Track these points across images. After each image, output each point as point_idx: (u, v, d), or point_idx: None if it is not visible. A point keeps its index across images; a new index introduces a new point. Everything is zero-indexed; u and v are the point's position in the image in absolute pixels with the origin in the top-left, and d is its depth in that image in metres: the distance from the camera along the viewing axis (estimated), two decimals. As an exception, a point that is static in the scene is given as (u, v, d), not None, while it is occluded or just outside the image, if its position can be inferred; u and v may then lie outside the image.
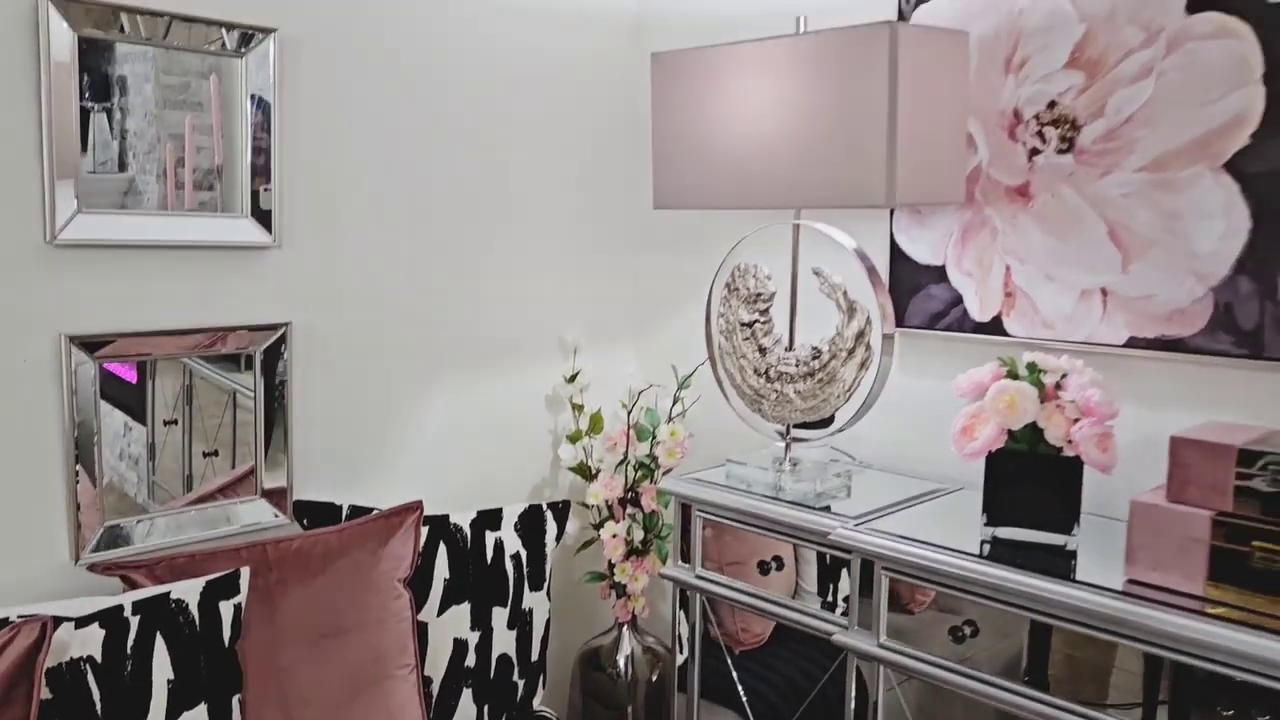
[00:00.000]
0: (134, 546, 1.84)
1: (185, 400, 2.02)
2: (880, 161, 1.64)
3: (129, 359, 1.84)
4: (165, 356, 1.88)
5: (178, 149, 1.88)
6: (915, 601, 1.66)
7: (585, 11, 2.41)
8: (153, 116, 1.86)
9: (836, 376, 1.86)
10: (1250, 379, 1.62)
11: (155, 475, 1.94)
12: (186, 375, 1.97)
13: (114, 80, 1.80)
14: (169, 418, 1.99)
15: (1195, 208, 1.63)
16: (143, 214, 1.81)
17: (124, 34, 1.76)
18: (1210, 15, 1.59)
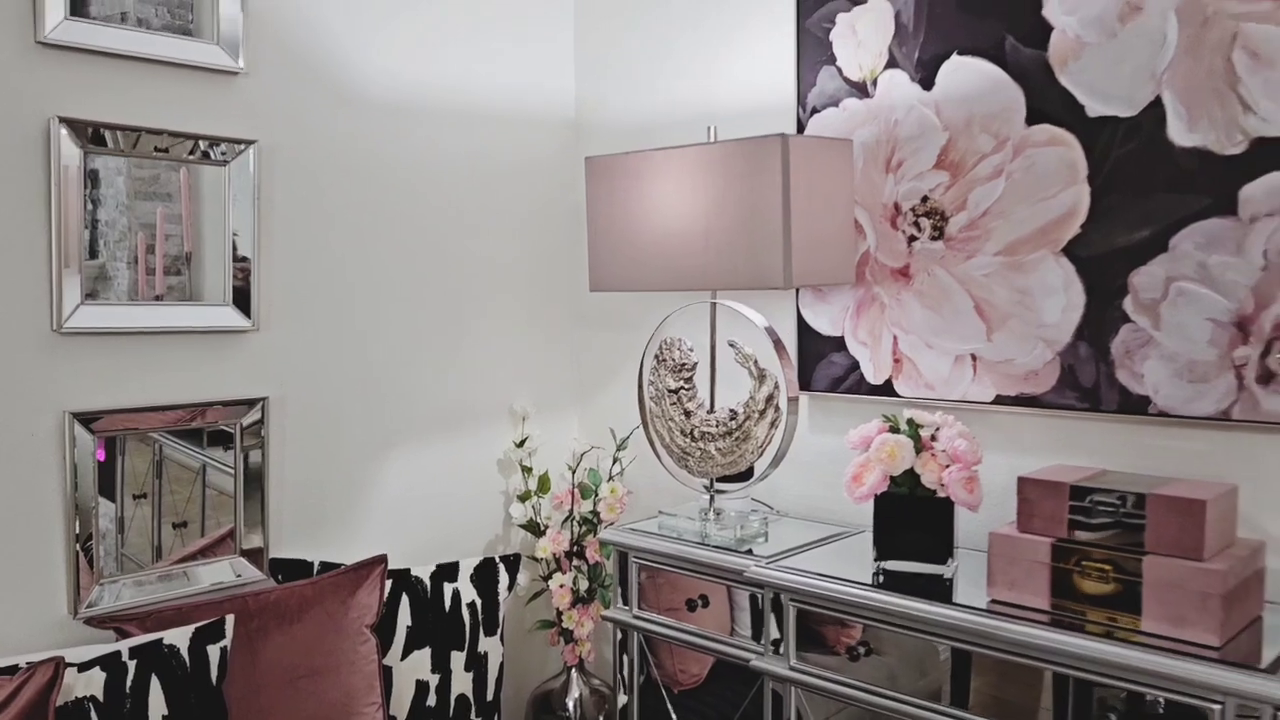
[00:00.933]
0: (126, 601, 2.04)
1: (155, 475, 2.23)
2: (778, 250, 1.93)
3: (117, 433, 2.05)
4: (146, 430, 2.08)
5: (148, 237, 2.11)
6: (840, 642, 1.87)
7: (529, 119, 2.71)
8: (124, 207, 2.08)
9: (750, 435, 2.13)
10: (1091, 429, 1.92)
11: (124, 548, 2.13)
12: (157, 451, 2.18)
13: (86, 173, 2.02)
14: (139, 492, 2.20)
15: (1041, 285, 1.94)
16: (138, 304, 2.05)
17: (125, 151, 2.01)
18: (1045, 127, 1.92)
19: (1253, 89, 1.68)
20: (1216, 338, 1.75)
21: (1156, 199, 1.80)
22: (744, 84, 2.41)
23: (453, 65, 2.55)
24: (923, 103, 2.08)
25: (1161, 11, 1.77)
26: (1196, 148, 1.75)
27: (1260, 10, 1.67)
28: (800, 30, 2.26)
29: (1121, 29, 1.81)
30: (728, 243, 2.01)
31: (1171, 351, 1.79)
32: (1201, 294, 1.76)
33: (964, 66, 2.01)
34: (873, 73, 2.15)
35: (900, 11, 2.10)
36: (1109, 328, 1.86)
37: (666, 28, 2.57)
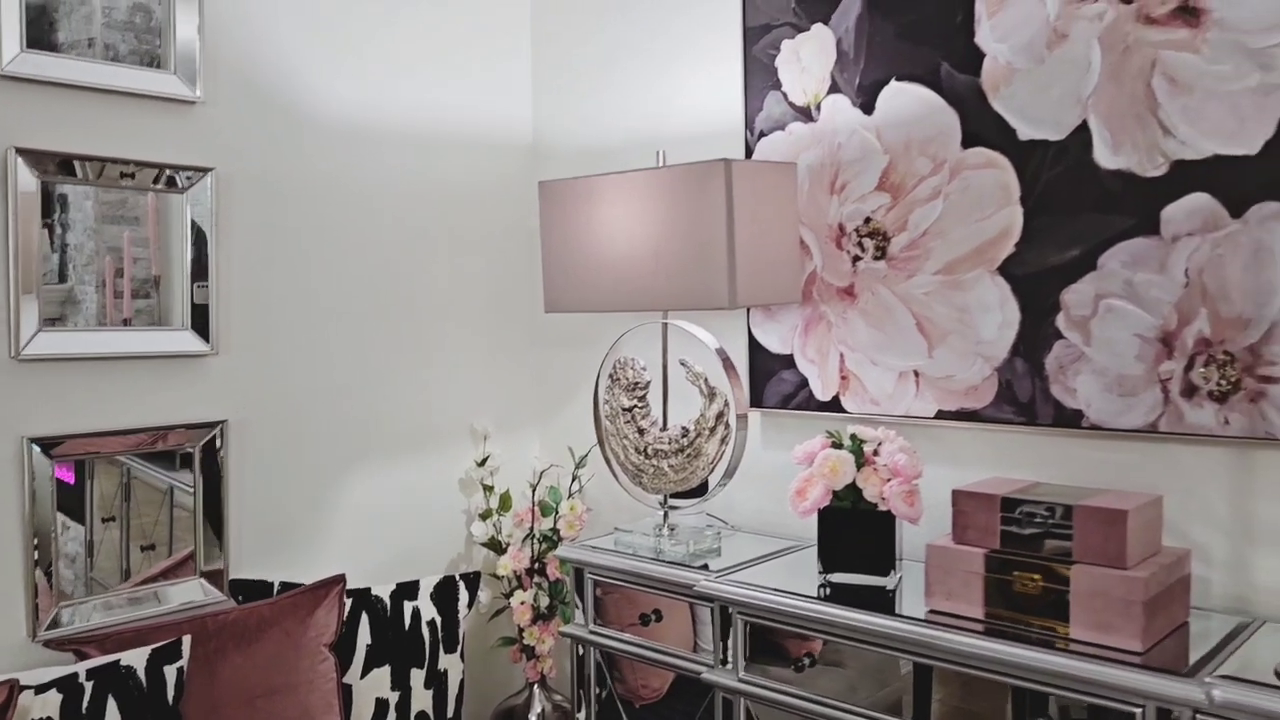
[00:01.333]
0: (86, 624, 2.06)
1: (123, 498, 2.26)
2: (723, 271, 1.98)
3: (78, 457, 2.07)
4: (110, 454, 2.12)
5: (116, 260, 2.14)
6: (799, 654, 1.90)
7: (488, 143, 2.76)
8: (91, 231, 2.11)
9: (702, 451, 2.17)
10: (1028, 442, 1.97)
11: (93, 571, 2.16)
12: (125, 475, 2.21)
13: (55, 197, 2.06)
14: (107, 515, 2.23)
15: (979, 303, 2.00)
16: (96, 330, 2.08)
17: (80, 179, 2.05)
18: (979, 150, 1.98)
19: (1171, 114, 1.75)
20: (1143, 353, 1.81)
21: (1085, 219, 1.86)
22: (695, 108, 2.47)
23: (412, 91, 2.60)
24: (864, 127, 2.14)
25: (1086, 39, 1.84)
26: (1121, 170, 1.81)
27: (1177, 38, 1.74)
28: (747, 56, 2.32)
29: (1049, 55, 1.88)
30: (675, 264, 2.06)
31: (1102, 366, 1.85)
32: (1128, 311, 1.82)
33: (902, 92, 2.08)
34: (816, 98, 2.21)
35: (841, 39, 2.16)
36: (1043, 344, 1.92)
37: (620, 53, 2.63)
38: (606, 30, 2.66)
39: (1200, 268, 1.74)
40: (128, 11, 2.10)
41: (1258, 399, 1.69)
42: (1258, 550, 1.73)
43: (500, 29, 2.79)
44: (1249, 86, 1.67)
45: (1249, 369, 1.70)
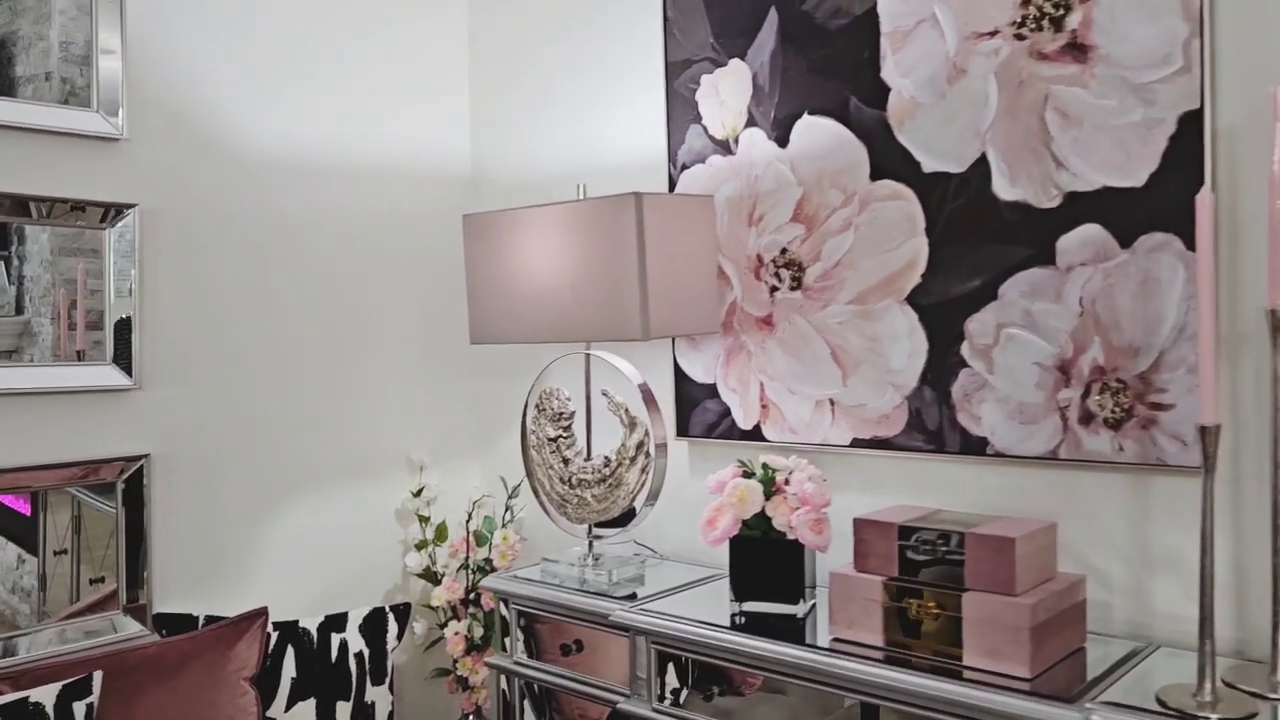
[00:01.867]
0: (13, 659, 2.06)
1: (74, 531, 2.27)
2: (635, 303, 2.01)
3: (8, 491, 2.09)
4: (44, 487, 2.13)
5: (70, 293, 2.17)
6: (746, 684, 1.91)
7: (426, 176, 2.79)
8: (48, 263, 2.15)
9: (623, 481, 2.19)
10: (938, 469, 2.00)
11: (45, 605, 2.17)
12: (75, 508, 2.23)
13: (12, 230, 2.09)
14: (59, 548, 2.24)
15: (889, 333, 2.03)
16: (13, 367, 2.09)
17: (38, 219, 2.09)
18: (886, 182, 2.01)
19: (1064, 146, 1.79)
20: (1042, 381, 1.84)
21: (986, 250, 1.89)
22: (623, 141, 2.50)
23: (349, 124, 2.63)
24: (779, 159, 2.17)
25: (983, 74, 1.88)
26: (1018, 201, 1.85)
27: (1067, 74, 1.78)
28: (669, 91, 2.36)
29: (950, 90, 1.92)
30: (591, 296, 2.08)
31: (1004, 394, 1.88)
32: (1028, 339, 1.85)
33: (814, 125, 2.11)
34: (734, 131, 2.25)
35: (757, 74, 2.20)
36: (949, 372, 1.95)
37: (554, 87, 2.66)
38: (540, 64, 2.70)
39: (1093, 297, 1.77)
40: (55, 50, 2.13)
41: (1149, 426, 1.72)
42: (1154, 575, 1.75)
43: (439, 62, 2.83)
44: (1133, 121, 1.71)
45: (1140, 396, 1.73)
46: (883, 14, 2.00)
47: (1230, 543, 1.67)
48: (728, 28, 2.24)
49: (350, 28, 2.64)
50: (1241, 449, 1.66)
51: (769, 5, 2.16)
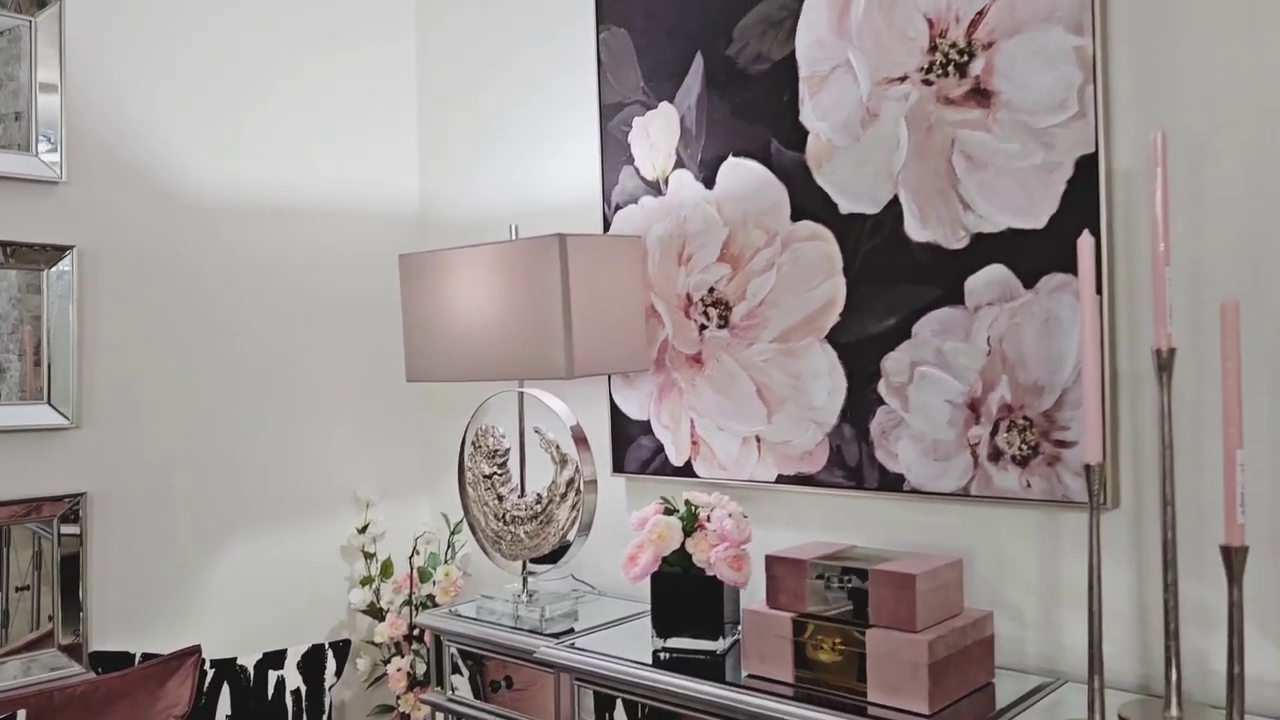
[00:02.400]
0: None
1: (34, 567, 2.29)
2: (559, 342, 2.04)
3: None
4: (13, 524, 2.17)
5: (36, 331, 2.22)
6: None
7: (374, 214, 2.83)
8: (15, 300, 2.20)
9: (554, 518, 2.21)
10: (858, 505, 2.02)
11: (6, 641, 2.18)
12: (37, 543, 2.25)
13: None
14: (21, 584, 2.26)
15: (810, 370, 2.06)
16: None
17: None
18: (806, 223, 2.05)
19: (970, 189, 1.83)
20: (954, 418, 1.87)
21: (899, 290, 1.93)
22: (561, 181, 2.55)
23: (296, 165, 2.67)
24: (706, 200, 2.21)
25: (894, 119, 1.92)
26: (929, 242, 1.89)
27: (972, 118, 1.82)
28: (603, 133, 2.41)
29: (863, 134, 1.96)
30: (519, 335, 2.12)
31: (919, 431, 1.91)
32: (940, 377, 1.88)
33: (739, 167, 2.16)
34: (664, 172, 2.29)
35: (684, 116, 2.25)
36: (867, 410, 1.98)
37: (497, 128, 2.71)
38: (485, 105, 2.75)
39: (1000, 336, 1.81)
40: None
41: (1054, 463, 1.75)
42: (1064, 609, 1.77)
43: (388, 102, 2.88)
44: (1034, 164, 1.75)
45: (1045, 434, 1.76)
46: (800, 59, 2.05)
47: (1133, 577, 1.70)
48: (657, 72, 2.29)
49: (296, 69, 2.69)
50: (1144, 484, 1.69)
51: (694, 50, 2.21)
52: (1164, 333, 1.50)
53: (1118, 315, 1.70)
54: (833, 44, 2.00)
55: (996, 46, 1.79)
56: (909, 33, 1.89)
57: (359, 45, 2.81)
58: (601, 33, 2.39)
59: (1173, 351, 1.50)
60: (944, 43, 1.85)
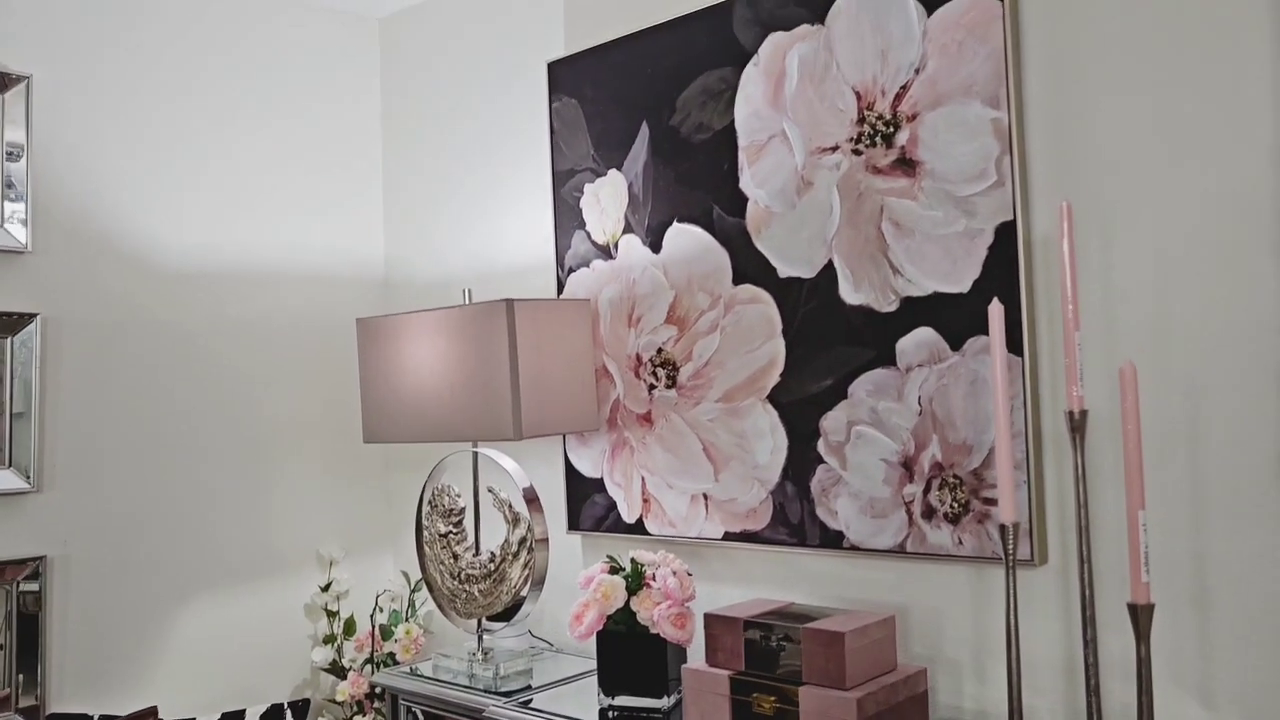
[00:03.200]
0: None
1: (8, 627, 2.31)
2: (507, 405, 2.09)
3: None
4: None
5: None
6: None
7: (341, 278, 2.89)
8: None
9: (506, 576, 2.25)
10: (802, 562, 2.06)
11: None
12: (9, 602, 2.27)
13: None
14: None
15: (753, 430, 2.11)
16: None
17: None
18: (747, 286, 2.11)
19: (899, 254, 1.89)
20: (889, 476, 1.91)
21: (836, 351, 1.98)
22: (518, 245, 2.61)
23: (263, 231, 2.73)
24: (653, 264, 2.28)
25: (827, 186, 1.99)
26: (862, 305, 1.95)
27: (898, 187, 1.89)
28: (556, 198, 2.48)
29: (799, 201, 2.03)
30: (470, 398, 2.17)
31: (857, 489, 1.96)
32: (875, 437, 1.93)
33: (683, 232, 2.22)
34: (614, 237, 2.36)
35: (632, 183, 2.32)
36: (808, 468, 2.03)
37: (459, 194, 2.78)
38: (447, 171, 2.82)
39: (930, 396, 1.86)
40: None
41: (983, 520, 1.79)
42: (997, 664, 1.80)
43: (353, 169, 2.95)
44: (958, 231, 1.82)
45: (975, 492, 1.80)
46: (740, 129, 2.12)
47: (1062, 631, 1.74)
48: (605, 140, 2.36)
49: (262, 137, 2.76)
50: (1070, 541, 1.73)
51: (640, 120, 2.29)
52: (1075, 395, 1.55)
53: (1040, 376, 1.76)
54: (769, 115, 2.07)
55: (920, 118, 1.86)
56: (839, 105, 1.97)
57: (323, 111, 2.89)
58: (554, 102, 2.47)
59: (1084, 413, 1.56)
60: (871, 115, 1.92)
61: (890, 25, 1.90)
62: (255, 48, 2.76)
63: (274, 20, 2.80)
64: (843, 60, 1.96)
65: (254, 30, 2.76)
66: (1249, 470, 1.56)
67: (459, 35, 2.77)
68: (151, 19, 2.57)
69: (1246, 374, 1.56)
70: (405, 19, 2.92)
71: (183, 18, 2.62)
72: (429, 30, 2.86)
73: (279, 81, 2.80)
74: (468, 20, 2.74)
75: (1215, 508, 1.59)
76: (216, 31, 2.68)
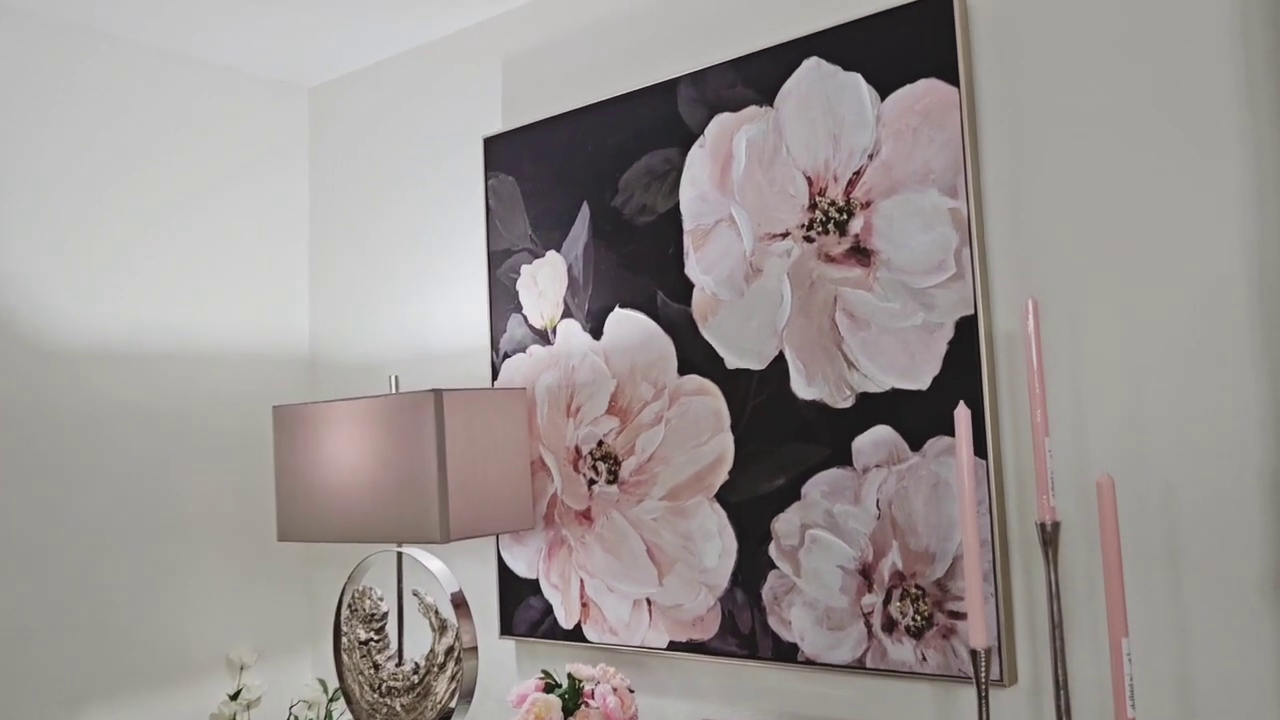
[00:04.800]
0: None
1: None
2: (434, 504, 1.93)
3: None
4: None
5: None
6: None
7: (262, 358, 2.71)
8: None
9: (431, 690, 2.06)
10: (753, 674, 1.91)
11: None
12: None
13: None
14: None
15: (700, 530, 1.97)
16: None
17: None
18: (693, 377, 1.99)
19: (854, 347, 1.79)
20: (846, 585, 1.78)
21: (788, 448, 1.86)
22: (452, 328, 2.47)
23: (178, 309, 2.54)
24: (594, 351, 2.15)
25: (778, 274, 1.89)
26: (815, 400, 1.83)
27: (853, 276, 1.79)
28: (492, 280, 2.34)
29: (748, 288, 1.92)
30: (394, 496, 2.00)
31: (812, 598, 1.82)
32: (831, 541, 1.80)
33: (626, 318, 2.10)
34: (552, 321, 2.23)
35: (572, 265, 2.19)
36: (759, 574, 1.89)
37: (389, 272, 2.63)
38: (378, 245, 2.67)
39: (889, 499, 1.74)
40: None
41: (949, 635, 1.67)
42: (965, 794, 1.67)
43: (278, 244, 2.79)
44: (916, 324, 1.72)
45: (939, 604, 1.68)
46: (685, 212, 2.02)
47: (1034, 760, 1.61)
48: (544, 220, 2.24)
49: (183, 208, 2.59)
50: (1041, 659, 1.61)
51: (581, 200, 2.18)
52: (1047, 505, 1.44)
53: (1006, 482, 1.65)
54: (716, 199, 1.97)
55: (874, 206, 1.77)
56: (789, 190, 1.87)
57: (249, 184, 2.74)
58: (490, 179, 2.35)
59: (1057, 525, 1.45)
60: (824, 201, 1.83)
61: (842, 109, 1.81)
62: (176, 113, 2.60)
63: (197, 87, 2.65)
64: (793, 144, 1.87)
65: (174, 95, 2.60)
66: (1231, 585, 1.46)
67: (392, 107, 2.64)
68: (57, 78, 2.40)
69: (1226, 481, 1.47)
70: (336, 89, 2.79)
71: (96, 80, 2.46)
72: (360, 101, 2.73)
73: (201, 151, 2.65)
74: (401, 92, 2.62)
75: (1198, 626, 1.48)
76: (134, 96, 2.52)
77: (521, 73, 2.36)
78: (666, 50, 2.10)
